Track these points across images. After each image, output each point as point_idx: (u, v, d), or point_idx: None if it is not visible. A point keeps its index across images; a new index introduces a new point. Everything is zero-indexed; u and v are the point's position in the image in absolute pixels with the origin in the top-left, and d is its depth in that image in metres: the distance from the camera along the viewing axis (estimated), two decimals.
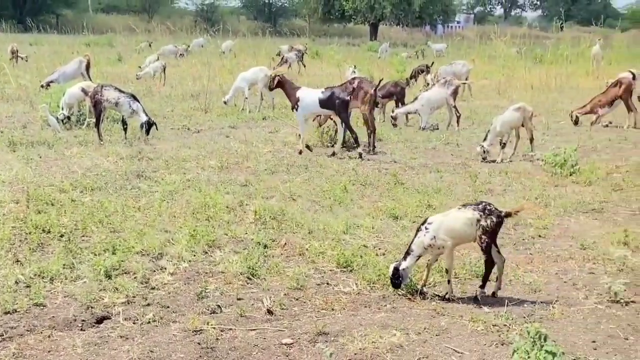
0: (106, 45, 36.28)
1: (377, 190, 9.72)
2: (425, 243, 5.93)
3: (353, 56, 30.09)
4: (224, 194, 9.09)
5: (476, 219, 5.84)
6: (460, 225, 5.88)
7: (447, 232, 5.89)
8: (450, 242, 5.89)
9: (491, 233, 5.87)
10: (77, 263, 6.51)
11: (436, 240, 5.90)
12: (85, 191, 9.06)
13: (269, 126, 15.17)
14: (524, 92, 21.20)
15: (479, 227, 5.84)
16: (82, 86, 14.17)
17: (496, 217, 5.86)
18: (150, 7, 72.34)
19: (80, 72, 19.12)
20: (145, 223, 7.79)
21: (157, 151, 11.95)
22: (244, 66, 22.82)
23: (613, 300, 6.03)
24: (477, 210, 5.89)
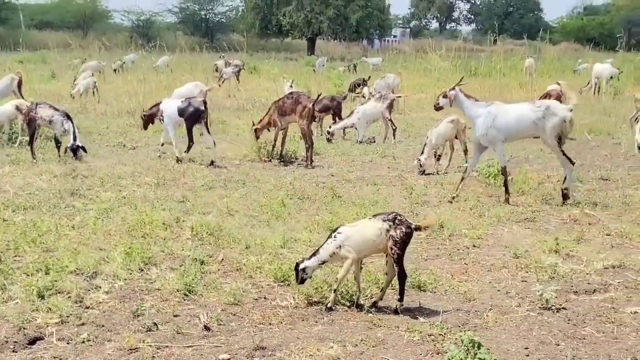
0: (39, 62, 35.69)
1: (315, 203, 9.77)
2: (330, 250, 5.99)
3: (291, 71, 30.20)
4: (161, 210, 9.02)
5: (385, 229, 5.89)
6: (370, 235, 5.92)
7: (354, 244, 5.94)
8: (354, 254, 5.94)
9: (401, 244, 5.90)
10: (8, 284, 6.37)
11: (341, 249, 5.95)
12: (17, 210, 8.90)
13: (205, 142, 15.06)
14: None
15: (389, 238, 5.88)
16: (15, 104, 13.95)
17: (406, 227, 5.91)
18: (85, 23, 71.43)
19: (12, 90, 18.72)
20: (79, 242, 7.68)
21: (91, 169, 11.80)
22: (181, 82, 22.67)
23: (545, 307, 6.17)
24: (387, 220, 5.93)
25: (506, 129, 10.09)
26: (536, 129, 10.12)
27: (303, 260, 6.14)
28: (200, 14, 78.24)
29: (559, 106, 10.17)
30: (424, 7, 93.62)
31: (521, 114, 10.10)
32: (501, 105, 10.34)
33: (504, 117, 10.08)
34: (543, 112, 9.97)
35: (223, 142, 14.54)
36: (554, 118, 9.91)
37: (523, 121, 10.06)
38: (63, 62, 34.26)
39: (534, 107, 10.11)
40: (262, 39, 65.38)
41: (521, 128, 10.13)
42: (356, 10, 60.91)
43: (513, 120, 10.08)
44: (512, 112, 10.15)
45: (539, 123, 9.97)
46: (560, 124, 9.94)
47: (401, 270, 6.00)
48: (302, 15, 60.51)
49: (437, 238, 8.27)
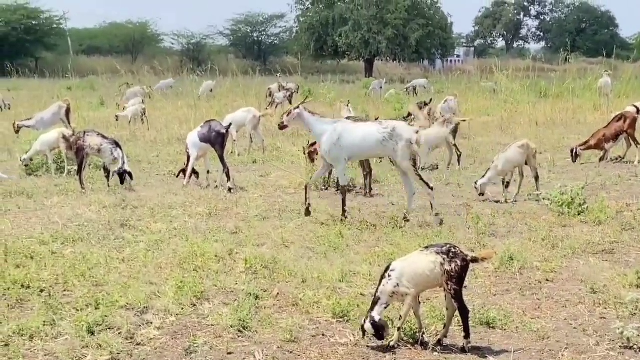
0: (88, 88, 36.60)
1: (375, 234, 9.76)
2: (389, 291, 5.94)
3: (347, 94, 30.30)
4: (213, 242, 9.12)
5: (440, 263, 5.83)
6: (423, 269, 5.87)
7: (410, 279, 5.90)
8: (413, 290, 5.89)
9: (458, 279, 5.83)
10: (58, 319, 6.52)
11: (399, 287, 5.90)
12: (66, 243, 9.11)
13: (260, 170, 15.28)
14: (528, 128, 21.38)
15: (443, 272, 5.81)
16: (62, 132, 14.34)
17: (461, 260, 5.84)
18: (134, 48, 73.06)
19: (60, 118, 19.26)
20: (129, 275, 7.82)
21: (141, 199, 12.01)
22: (233, 107, 22.99)
23: (626, 347, 6.05)
24: (441, 253, 5.87)
25: (350, 148, 10.51)
26: (384, 150, 10.59)
27: (367, 315, 6.01)
28: (253, 36, 79.45)
29: (405, 128, 10.57)
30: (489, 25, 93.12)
31: (367, 133, 10.50)
32: (348, 124, 10.82)
33: (349, 136, 10.48)
34: (389, 134, 10.38)
35: (278, 170, 14.67)
36: (401, 140, 10.35)
37: (368, 141, 10.47)
38: (112, 88, 35.07)
39: (380, 127, 10.50)
40: (317, 61, 65.91)
41: (366, 148, 10.60)
42: (416, 30, 60.93)
43: (358, 140, 10.50)
44: (358, 131, 10.56)
45: (386, 145, 10.40)
46: (408, 147, 10.39)
47: (461, 306, 5.93)
48: (359, 35, 60.80)
49: (507, 272, 8.17)
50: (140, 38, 75.26)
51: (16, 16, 65.00)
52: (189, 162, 13.26)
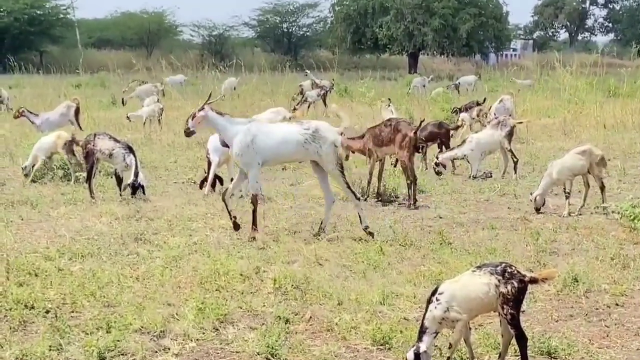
0: (98, 86, 36.98)
1: (420, 251, 9.75)
2: (438, 317, 5.89)
3: (389, 93, 30.30)
4: (238, 259, 9.18)
5: (494, 284, 5.81)
6: (476, 292, 5.85)
7: (461, 303, 5.87)
8: (465, 315, 5.87)
9: (514, 302, 5.81)
10: (65, 344, 6.60)
11: (449, 312, 5.86)
12: (74, 258, 9.21)
13: (290, 178, 15.33)
14: (595, 132, 21.24)
15: (498, 295, 5.80)
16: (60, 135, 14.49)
17: (518, 281, 5.82)
18: (150, 41, 73.66)
19: (69, 119, 19.49)
20: (144, 295, 7.89)
21: (158, 210, 12.12)
22: (260, 107, 23.12)
23: None
24: (496, 273, 5.85)
25: (265, 151, 10.52)
26: (306, 154, 10.63)
27: (417, 345, 5.91)
28: (282, 28, 79.69)
29: (329, 129, 10.65)
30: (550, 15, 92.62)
31: (286, 135, 10.56)
32: (263, 125, 11.00)
33: (265, 137, 10.51)
34: (312, 135, 10.44)
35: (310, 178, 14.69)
36: (325, 143, 10.43)
37: (288, 144, 10.53)
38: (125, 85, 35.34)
39: (301, 128, 10.56)
40: (354, 55, 65.99)
41: (284, 151, 10.66)
42: (467, 20, 60.70)
43: (275, 142, 10.54)
44: (276, 133, 10.62)
45: (308, 148, 10.46)
46: (333, 150, 10.48)
47: (519, 333, 5.91)
48: (402, 26, 60.78)
49: (571, 295, 8.12)
50: (156, 29, 75.85)
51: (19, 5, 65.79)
52: (211, 168, 13.35)
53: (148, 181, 13.25)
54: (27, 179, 14.32)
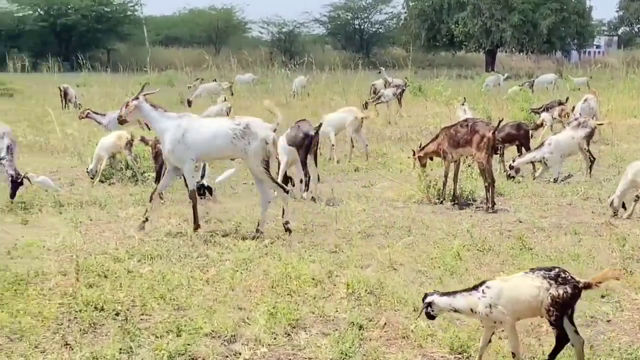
0: (166, 84, 37.41)
1: (499, 257, 9.68)
2: (479, 309, 6.02)
3: (465, 92, 30.11)
4: (309, 262, 9.23)
5: (545, 288, 5.83)
6: (526, 294, 5.89)
7: (508, 304, 5.92)
8: (509, 318, 5.90)
9: (562, 305, 5.83)
10: (135, 347, 6.71)
11: (492, 310, 5.95)
12: (143, 260, 9.37)
13: (362, 179, 15.35)
14: None
15: (548, 297, 5.82)
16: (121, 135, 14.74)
17: (572, 287, 5.83)
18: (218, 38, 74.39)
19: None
20: (215, 299, 7.99)
21: (227, 211, 12.24)
22: (331, 107, 23.17)
23: None
24: (548, 277, 5.87)
25: (197, 147, 10.72)
26: (235, 151, 10.82)
27: (433, 293, 6.28)
28: (354, 24, 79.81)
29: (260, 125, 10.80)
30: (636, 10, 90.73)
31: (217, 130, 10.73)
32: (195, 119, 11.02)
33: (195, 133, 10.69)
34: (242, 131, 10.60)
35: (383, 180, 14.70)
36: (254, 140, 10.60)
37: (218, 139, 10.70)
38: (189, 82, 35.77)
39: (232, 124, 10.74)
40: (429, 52, 65.74)
41: (215, 147, 10.80)
42: (547, 15, 59.90)
43: (206, 138, 10.72)
44: (207, 128, 10.81)
45: (237, 144, 10.63)
46: (262, 147, 10.65)
47: (560, 333, 5.95)
48: (479, 22, 60.30)
49: None
50: (224, 27, 76.69)
51: (86, 2, 67.19)
52: (280, 168, 13.45)
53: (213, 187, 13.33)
54: (94, 180, 14.60)
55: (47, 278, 8.53)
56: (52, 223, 11.20)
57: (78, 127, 20.41)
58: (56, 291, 8.07)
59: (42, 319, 7.27)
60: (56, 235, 10.36)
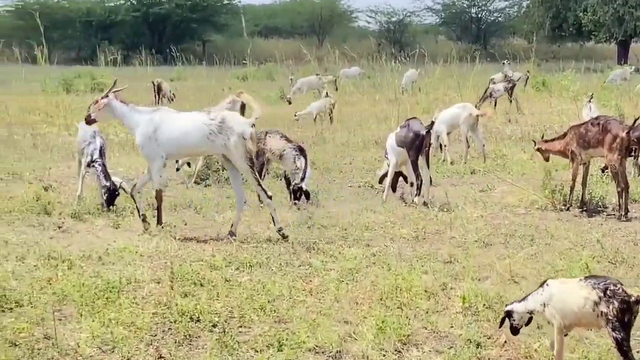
0: (265, 78, 37.79)
1: (633, 270, 9.51)
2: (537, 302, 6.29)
3: (594, 87, 29.60)
4: (421, 273, 9.20)
5: (592, 301, 5.81)
6: (572, 302, 5.93)
7: (557, 307, 6.01)
8: (559, 321, 5.88)
9: (620, 325, 5.74)
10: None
11: (545, 309, 6.12)
12: (242, 268, 9.48)
13: (480, 182, 15.23)
14: None
15: (599, 313, 5.77)
16: None
17: (620, 302, 5.75)
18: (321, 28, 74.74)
19: None
20: (318, 311, 8.03)
21: (332, 216, 12.30)
22: (445, 103, 23.05)
23: None
24: (597, 288, 5.83)
25: (168, 143, 10.97)
26: (212, 147, 10.97)
27: (513, 302, 6.52)
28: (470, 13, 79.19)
29: (237, 119, 11.11)
30: None
31: (190, 126, 10.95)
32: (168, 113, 11.23)
33: (168, 128, 10.95)
34: (218, 126, 10.78)
35: (503, 183, 14.56)
36: (232, 135, 10.75)
37: (192, 135, 10.92)
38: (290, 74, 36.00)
39: (207, 118, 10.93)
40: (553, 43, 64.81)
41: (188, 143, 11.04)
42: None
43: (178, 133, 10.95)
44: (180, 123, 11.03)
45: (215, 140, 10.81)
46: (242, 143, 10.77)
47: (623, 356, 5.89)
48: (611, 10, 59.10)
49: None
50: (328, 16, 77.03)
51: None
52: (389, 170, 13.45)
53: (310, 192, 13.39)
54: (189, 181, 14.85)
55: (140, 286, 8.73)
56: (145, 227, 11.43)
57: None
58: (149, 300, 8.24)
59: (135, 330, 7.42)
60: (149, 240, 10.62)
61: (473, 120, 17.53)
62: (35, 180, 14.75)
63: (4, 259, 9.43)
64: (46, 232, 11.15)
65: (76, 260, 9.58)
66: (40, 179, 14.72)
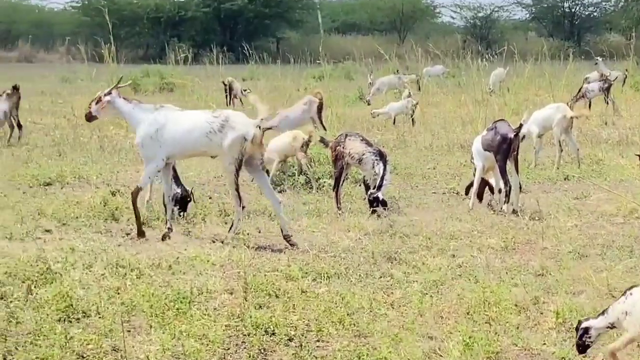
0: (343, 78, 37.80)
1: None
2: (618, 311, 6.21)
3: None
4: (511, 286, 9.12)
5: None
6: None
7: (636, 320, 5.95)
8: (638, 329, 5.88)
9: None
10: None
11: (625, 317, 6.04)
12: (319, 279, 9.49)
13: (574, 189, 15.06)
14: None
15: None
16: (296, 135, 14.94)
17: None
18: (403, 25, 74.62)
19: (310, 116, 20.02)
20: (401, 325, 8.01)
21: (414, 225, 12.25)
22: (535, 104, 22.84)
23: None
24: None
25: (171, 143, 11.07)
26: (210, 146, 11.05)
27: (588, 318, 6.46)
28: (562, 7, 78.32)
29: (242, 119, 11.07)
30: None
31: (193, 124, 11.06)
32: (172, 111, 11.33)
33: (172, 127, 11.04)
34: (220, 125, 10.85)
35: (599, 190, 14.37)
36: (232, 134, 10.80)
37: (194, 134, 11.03)
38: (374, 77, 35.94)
39: (211, 116, 11.03)
40: None
41: (190, 143, 11.14)
42: None
43: (181, 132, 11.05)
44: (183, 121, 11.13)
45: (213, 138, 10.89)
46: (239, 143, 10.82)
47: None
48: None
49: None
50: (410, 12, 76.81)
51: None
52: (475, 176, 13.37)
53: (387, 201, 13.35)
54: None
55: (212, 296, 8.78)
56: (217, 234, 11.54)
57: None
58: (222, 312, 8.28)
59: (207, 343, 7.47)
60: (221, 249, 10.67)
61: (567, 122, 17.31)
62: (102, 184, 14.92)
63: (71, 267, 9.52)
64: (114, 239, 11.25)
65: (145, 269, 9.66)
66: (107, 183, 14.88)
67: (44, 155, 18.33)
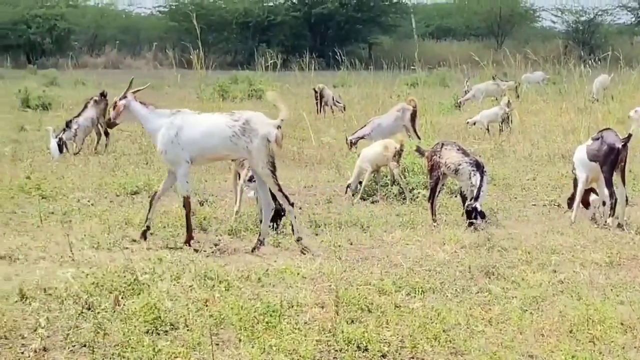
0: (437, 84, 37.70)
1: None
2: None
3: None
4: (617, 304, 9.01)
5: None
6: None
7: None
8: None
9: None
10: None
11: None
12: (413, 293, 9.46)
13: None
14: None
15: None
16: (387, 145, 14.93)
17: None
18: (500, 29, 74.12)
19: (403, 124, 20.01)
20: (499, 343, 7.96)
21: (513, 238, 12.18)
22: None
23: None
24: None
25: (192, 146, 11.30)
26: (236, 150, 11.34)
27: None
28: None
29: (262, 120, 11.31)
30: None
31: (213, 127, 11.30)
32: (190, 116, 11.53)
33: (190, 131, 11.28)
34: (241, 128, 11.10)
35: None
36: (255, 137, 11.06)
37: (215, 138, 11.29)
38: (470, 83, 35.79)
39: (231, 119, 11.24)
40: None
41: (211, 146, 11.39)
42: None
43: (200, 135, 11.30)
44: (202, 125, 11.38)
45: (238, 142, 11.14)
46: (265, 145, 11.08)
47: None
48: None
49: None
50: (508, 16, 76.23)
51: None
52: (577, 187, 13.22)
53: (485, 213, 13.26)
54: (355, 197, 14.95)
55: (302, 310, 8.80)
56: (309, 246, 11.56)
57: (335, 135, 20.93)
58: (313, 326, 8.30)
59: (298, 358, 7.51)
60: (312, 261, 10.70)
61: None
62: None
63: (159, 278, 9.61)
64: (202, 250, 11.37)
65: (234, 281, 9.72)
66: (195, 192, 15.03)
67: (131, 163, 18.58)
